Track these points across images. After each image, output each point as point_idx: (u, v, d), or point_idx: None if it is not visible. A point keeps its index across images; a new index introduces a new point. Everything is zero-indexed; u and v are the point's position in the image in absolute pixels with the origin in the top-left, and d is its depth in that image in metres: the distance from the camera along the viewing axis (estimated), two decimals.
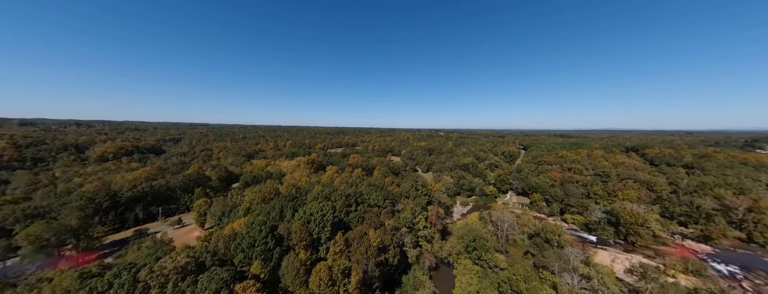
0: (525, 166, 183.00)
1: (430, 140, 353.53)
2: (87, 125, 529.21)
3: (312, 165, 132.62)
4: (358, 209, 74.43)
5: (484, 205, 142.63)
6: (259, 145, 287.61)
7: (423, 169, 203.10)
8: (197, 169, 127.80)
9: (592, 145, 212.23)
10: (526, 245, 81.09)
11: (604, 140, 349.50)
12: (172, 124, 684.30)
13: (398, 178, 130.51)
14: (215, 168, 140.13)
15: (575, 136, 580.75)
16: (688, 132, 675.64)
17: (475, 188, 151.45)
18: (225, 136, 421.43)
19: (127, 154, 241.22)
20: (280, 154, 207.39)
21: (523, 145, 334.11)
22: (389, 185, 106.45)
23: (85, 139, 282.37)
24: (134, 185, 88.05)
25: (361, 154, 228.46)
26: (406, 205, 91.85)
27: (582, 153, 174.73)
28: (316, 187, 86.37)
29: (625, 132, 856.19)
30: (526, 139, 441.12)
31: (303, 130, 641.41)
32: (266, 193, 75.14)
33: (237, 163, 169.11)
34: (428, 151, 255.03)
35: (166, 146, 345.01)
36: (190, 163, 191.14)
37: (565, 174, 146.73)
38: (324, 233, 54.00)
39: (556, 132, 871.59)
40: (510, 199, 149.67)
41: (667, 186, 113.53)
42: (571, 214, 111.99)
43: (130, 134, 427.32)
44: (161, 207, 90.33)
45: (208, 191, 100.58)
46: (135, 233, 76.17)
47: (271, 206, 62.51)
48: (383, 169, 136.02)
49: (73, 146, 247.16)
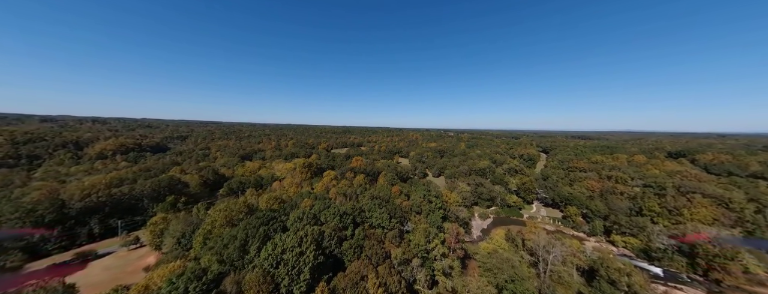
0: (551, 173, 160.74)
1: (441, 141, 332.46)
2: (103, 122, 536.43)
3: (308, 169, 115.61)
4: (356, 234, 56.33)
5: (507, 217, 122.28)
6: (260, 144, 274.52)
7: (434, 174, 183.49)
8: (180, 171, 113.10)
9: (628, 149, 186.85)
10: (579, 284, 61.01)
11: (632, 143, 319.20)
12: (185, 122, 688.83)
13: (407, 186, 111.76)
14: (202, 170, 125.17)
15: (595, 137, 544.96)
16: (721, 134, 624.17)
17: (495, 198, 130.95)
18: (230, 134, 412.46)
19: (126, 151, 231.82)
20: (279, 154, 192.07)
21: (541, 148, 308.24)
22: (396, 196, 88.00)
23: (89, 136, 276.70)
24: (88, 193, 73.20)
25: (366, 155, 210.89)
26: (418, 223, 73.19)
27: (620, 158, 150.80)
28: (304, 201, 69.06)
29: (647, 134, 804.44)
30: (542, 140, 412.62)
31: (310, 128, 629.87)
32: (233, 212, 57.98)
33: (230, 164, 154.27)
34: (439, 153, 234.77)
35: (173, 144, 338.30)
36: (183, 163, 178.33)
37: (605, 183, 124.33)
38: (298, 286, 36.07)
39: (572, 133, 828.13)
40: (537, 211, 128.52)
41: (746, 203, 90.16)
42: (622, 236, 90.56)
43: (140, 131, 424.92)
44: (122, 220, 75.34)
45: (183, 201, 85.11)
46: (75, 257, 60.84)
47: (231, 235, 45.50)
48: (389, 175, 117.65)
49: (72, 143, 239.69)
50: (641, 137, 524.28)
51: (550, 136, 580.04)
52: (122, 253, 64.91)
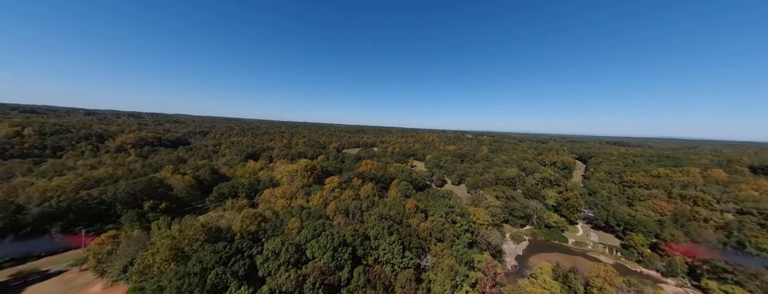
0: (599, 186, 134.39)
1: (460, 144, 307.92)
2: (138, 116, 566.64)
3: (311, 173, 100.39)
4: (354, 276, 39.40)
5: (546, 241, 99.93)
6: (272, 141, 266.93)
7: (454, 181, 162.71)
8: (172, 171, 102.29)
9: (694, 161, 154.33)
10: None
11: (685, 151, 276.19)
12: (211, 118, 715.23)
13: (424, 199, 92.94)
14: (199, 170, 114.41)
15: (635, 144, 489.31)
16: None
17: (530, 215, 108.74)
18: (247, 130, 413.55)
19: (144, 145, 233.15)
20: (286, 153, 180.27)
21: (576, 155, 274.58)
22: (411, 214, 69.98)
23: (116, 129, 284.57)
24: (50, 197, 62.71)
25: (378, 157, 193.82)
26: (441, 257, 54.85)
27: (692, 173, 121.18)
28: (292, 221, 53.24)
29: (695, 141, 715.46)
30: (573, 146, 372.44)
31: (325, 127, 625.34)
32: (185, 240, 42.17)
33: (232, 162, 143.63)
34: (459, 157, 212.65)
35: (194, 138, 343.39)
36: (189, 159, 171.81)
37: (679, 205, 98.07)
38: None
39: (603, 138, 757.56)
40: (585, 234, 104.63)
41: None
42: (720, 282, 66.28)
43: (167, 126, 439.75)
44: (90, 229, 64.37)
45: (162, 207, 72.95)
46: (13, 277, 49.43)
47: (158, 287, 30.33)
48: (403, 184, 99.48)
49: (96, 136, 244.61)
50: (693, 146, 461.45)
51: (582, 141, 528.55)
52: (71, 274, 53.04)
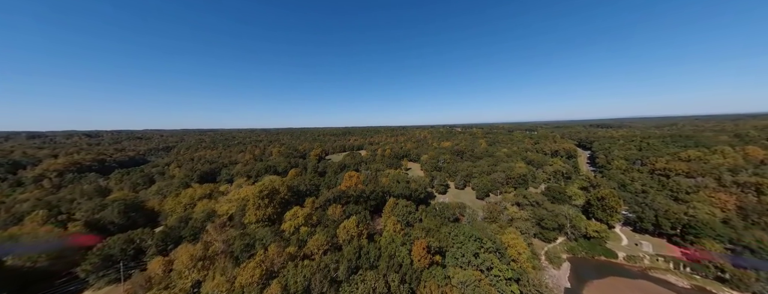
0: (622, 177, 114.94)
1: (454, 139, 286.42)
2: (96, 135, 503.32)
3: (270, 200, 69.90)
4: None
5: (590, 258, 77.80)
6: (241, 154, 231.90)
7: (458, 185, 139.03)
8: (43, 219, 68.80)
9: (713, 139, 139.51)
10: None
11: (672, 129, 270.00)
12: (185, 132, 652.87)
13: (435, 227, 66.53)
14: (105, 209, 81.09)
15: (617, 125, 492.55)
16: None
17: (564, 225, 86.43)
18: (219, 142, 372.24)
19: (80, 170, 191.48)
20: (250, 169, 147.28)
21: (576, 141, 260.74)
22: (424, 273, 43.83)
23: (45, 154, 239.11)
24: None
25: (366, 163, 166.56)
26: None
27: (728, 153, 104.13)
28: None
29: (670, 118, 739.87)
30: (561, 131, 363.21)
31: (308, 131, 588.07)
32: None
33: (167, 189, 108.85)
34: (457, 154, 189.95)
35: (156, 155, 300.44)
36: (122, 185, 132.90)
37: (740, 196, 79.02)
38: None
39: (580, 122, 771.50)
40: (631, 243, 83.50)
41: None
42: None
43: (127, 143, 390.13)
44: None
45: None
46: None
47: None
48: (401, 205, 72.75)
49: (9, 164, 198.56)
50: (671, 123, 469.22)
51: (568, 127, 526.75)
52: None
